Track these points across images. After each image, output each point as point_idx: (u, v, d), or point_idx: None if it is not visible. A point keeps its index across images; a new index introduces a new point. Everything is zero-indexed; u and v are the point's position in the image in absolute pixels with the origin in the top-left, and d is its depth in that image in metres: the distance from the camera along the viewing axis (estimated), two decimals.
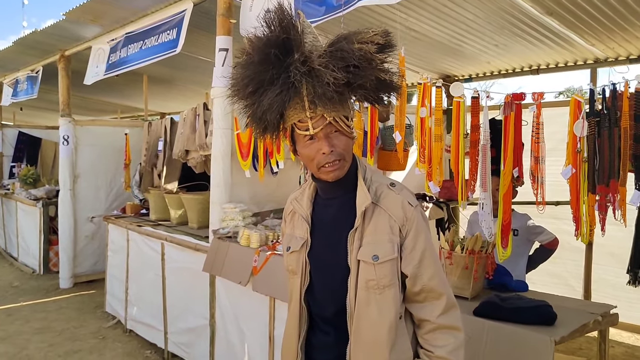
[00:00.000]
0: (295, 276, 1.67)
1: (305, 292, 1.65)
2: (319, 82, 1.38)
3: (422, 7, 4.18)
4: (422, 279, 1.53)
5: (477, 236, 2.70)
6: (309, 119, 1.46)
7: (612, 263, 5.00)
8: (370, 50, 1.40)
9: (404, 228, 1.53)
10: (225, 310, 3.86)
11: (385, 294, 1.51)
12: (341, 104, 1.48)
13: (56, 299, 6.51)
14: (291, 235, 1.72)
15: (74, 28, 5.92)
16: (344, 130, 1.50)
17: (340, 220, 1.59)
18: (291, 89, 1.40)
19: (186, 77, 8.17)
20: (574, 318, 2.41)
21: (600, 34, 4.39)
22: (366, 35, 1.43)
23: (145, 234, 4.96)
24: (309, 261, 1.63)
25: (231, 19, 4.00)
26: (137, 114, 11.90)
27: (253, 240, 3.52)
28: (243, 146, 4.05)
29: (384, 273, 1.51)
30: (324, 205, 1.65)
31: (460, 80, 6.52)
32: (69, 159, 6.90)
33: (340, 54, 1.40)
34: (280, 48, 1.41)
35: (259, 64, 1.44)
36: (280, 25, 1.42)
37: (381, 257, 1.50)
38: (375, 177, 1.62)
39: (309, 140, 1.50)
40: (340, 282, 1.56)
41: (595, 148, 2.73)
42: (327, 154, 1.49)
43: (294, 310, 1.68)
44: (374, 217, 1.54)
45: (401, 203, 1.55)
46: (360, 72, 1.41)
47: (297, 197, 1.73)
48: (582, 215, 2.75)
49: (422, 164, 3.18)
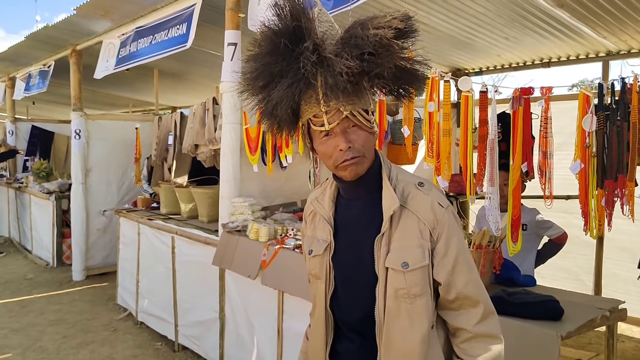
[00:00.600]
0: (319, 281, 1.55)
1: (331, 298, 1.53)
2: (330, 72, 1.27)
3: (431, 1, 4.16)
4: (457, 286, 1.40)
5: (485, 231, 2.70)
6: (323, 113, 1.35)
7: (623, 257, 4.97)
8: (387, 35, 1.27)
9: (434, 232, 1.40)
10: (234, 304, 3.89)
11: (416, 304, 1.39)
12: (358, 95, 1.35)
13: (69, 291, 6.60)
14: (312, 237, 1.59)
15: (84, 23, 5.96)
16: (363, 125, 1.38)
17: (365, 223, 1.47)
18: (302, 81, 1.30)
19: (196, 71, 8.20)
20: (582, 313, 2.40)
21: (612, 27, 4.35)
22: (383, 19, 1.31)
23: (156, 228, 5.00)
24: (333, 265, 1.51)
25: (240, 13, 4.01)
26: (148, 107, 11.96)
27: (262, 234, 3.55)
28: (251, 140, 4.07)
29: (415, 281, 1.38)
30: (347, 206, 1.53)
31: (470, 73, 6.48)
32: (80, 153, 6.97)
33: (354, 40, 1.28)
34: (290, 37, 1.31)
35: (268, 56, 1.35)
36: (290, 13, 1.32)
37: (411, 264, 1.38)
38: (401, 175, 1.49)
39: (325, 137, 1.39)
40: (367, 290, 1.45)
41: (604, 143, 2.71)
42: (345, 151, 1.37)
43: (318, 317, 1.55)
44: (402, 221, 1.42)
45: (431, 204, 1.42)
46: (376, 59, 1.28)
47: (318, 197, 1.60)
48: (591, 210, 2.73)
49: (430, 159, 3.17)
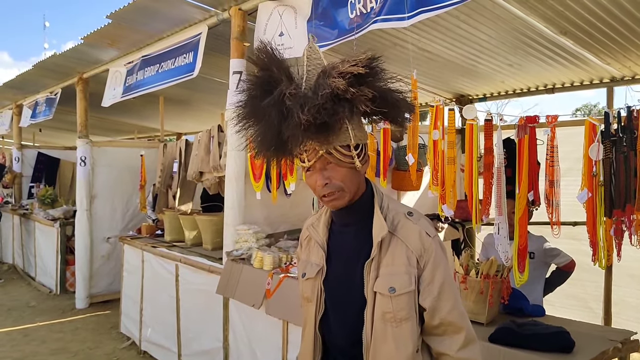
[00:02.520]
0: (310, 303, 1.64)
1: (320, 320, 1.62)
2: (291, 122, 1.36)
3: (434, 28, 4.19)
4: (441, 312, 1.49)
5: (492, 260, 2.66)
6: (303, 151, 1.46)
7: (633, 284, 4.90)
8: (339, 86, 1.34)
9: (421, 259, 1.50)
10: (238, 333, 3.84)
11: (402, 327, 1.47)
12: (333, 134, 1.42)
13: (72, 320, 6.54)
14: (307, 261, 1.69)
15: (92, 51, 6.03)
16: (340, 162, 1.46)
17: (356, 248, 1.56)
18: (282, 123, 1.39)
19: (202, 98, 8.25)
20: (593, 345, 2.35)
21: (616, 53, 4.36)
22: (344, 65, 1.37)
23: (159, 255, 4.97)
24: (324, 289, 1.60)
25: (245, 42, 4.05)
26: (154, 134, 12.03)
27: (266, 262, 3.51)
28: (256, 168, 4.07)
29: (401, 306, 1.47)
30: (340, 232, 1.62)
31: (474, 99, 6.49)
32: (86, 180, 6.98)
33: (317, 88, 1.37)
34: (264, 85, 1.44)
35: (252, 99, 1.47)
36: (263, 62, 1.46)
37: (398, 289, 1.47)
38: (392, 205, 1.59)
39: (308, 171, 1.51)
40: (356, 313, 1.53)
41: (611, 171, 2.69)
42: (321, 187, 1.49)
43: (307, 337, 1.65)
44: (391, 248, 1.51)
45: (419, 233, 1.51)
46: (334, 106, 1.36)
47: (314, 222, 1.70)
48: (600, 240, 2.70)
49: (435, 187, 3.15)
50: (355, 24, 3.28)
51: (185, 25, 4.86)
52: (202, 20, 4.62)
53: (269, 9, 3.92)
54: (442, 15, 3.82)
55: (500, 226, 2.87)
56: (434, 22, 4.02)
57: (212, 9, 4.34)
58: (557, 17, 3.68)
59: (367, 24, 3.21)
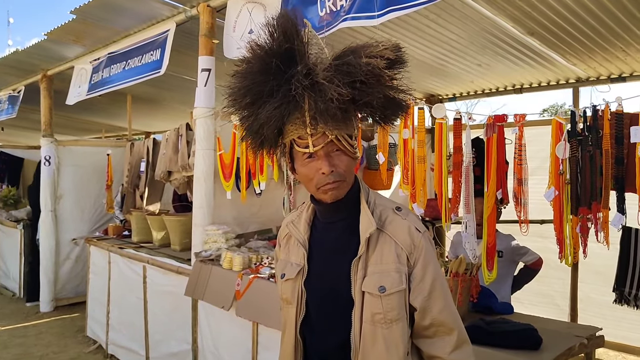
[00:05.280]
0: (290, 306, 1.53)
1: (302, 323, 1.51)
2: (321, 97, 1.27)
3: (404, 28, 4.20)
4: (432, 312, 1.41)
5: (461, 259, 2.68)
6: (309, 135, 1.36)
7: (598, 281, 4.99)
8: (379, 65, 1.29)
9: (411, 256, 1.42)
10: (207, 335, 3.77)
11: (392, 329, 1.38)
12: (345, 121, 1.37)
13: (36, 323, 6.36)
14: (286, 261, 1.58)
15: (56, 48, 5.87)
16: (347, 150, 1.39)
17: (342, 246, 1.47)
18: (292, 103, 1.31)
19: (171, 97, 8.13)
20: (560, 341, 2.39)
21: (581, 54, 4.44)
22: (375, 49, 1.33)
23: (127, 257, 4.87)
24: (305, 290, 1.50)
25: (214, 40, 3.99)
26: (122, 133, 11.80)
27: (236, 263, 3.46)
28: (225, 167, 4.02)
29: (392, 306, 1.38)
30: (324, 229, 1.52)
31: (444, 99, 6.55)
32: (50, 180, 6.80)
33: (346, 68, 1.29)
34: (282, 58, 1.31)
35: (258, 74, 1.34)
36: (283, 34, 1.33)
37: (388, 289, 1.38)
38: (379, 200, 1.51)
39: (308, 159, 1.39)
40: (342, 315, 1.43)
41: (578, 169, 2.73)
42: (327, 174, 1.38)
43: (287, 342, 1.54)
44: (380, 245, 1.42)
45: (408, 229, 1.43)
46: (367, 88, 1.31)
47: (294, 220, 1.60)
48: (566, 237, 2.74)
49: (405, 185, 3.15)
50: (325, 21, 3.25)
51: (152, 22, 4.77)
52: (170, 17, 4.54)
53: (238, 5, 3.87)
54: (412, 15, 3.83)
55: (468, 224, 2.88)
56: (404, 21, 4.03)
57: (180, 5, 4.27)
58: (524, 17, 3.72)
59: (337, 22, 3.19)
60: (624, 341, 4.99)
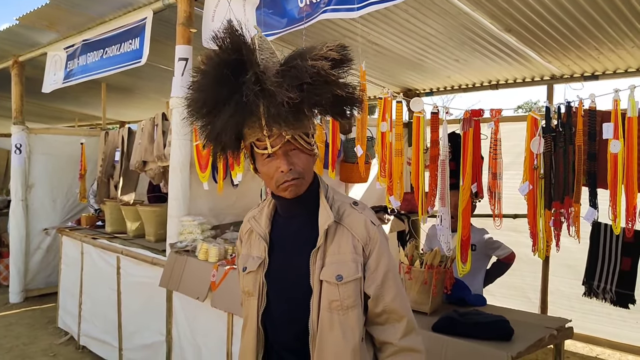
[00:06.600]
0: (252, 298, 1.60)
1: (262, 314, 1.58)
2: (272, 102, 1.34)
3: (384, 22, 4.21)
4: (385, 299, 1.50)
5: (436, 251, 2.71)
6: (266, 137, 1.42)
7: (568, 274, 5.11)
8: (323, 67, 1.36)
9: (367, 247, 1.51)
10: (182, 326, 3.75)
11: (348, 315, 1.48)
12: (299, 121, 1.42)
13: (5, 314, 6.24)
14: (247, 255, 1.65)
15: (28, 33, 5.74)
16: (304, 148, 1.47)
17: (301, 239, 1.54)
18: (246, 110, 1.36)
19: (147, 86, 8.01)
20: (531, 333, 2.43)
21: (556, 52, 4.51)
22: (320, 51, 1.39)
23: (100, 247, 4.80)
24: (266, 282, 1.57)
25: (191, 29, 3.94)
26: (95, 122, 11.60)
27: (211, 254, 3.45)
28: (202, 157, 3.98)
29: (348, 293, 1.47)
30: (284, 224, 1.60)
31: (421, 94, 6.59)
32: (21, 168, 6.65)
33: (294, 72, 1.35)
34: (231, 68, 1.37)
35: (213, 84, 1.41)
36: (231, 45, 1.39)
37: (345, 277, 1.47)
38: (337, 196, 1.59)
39: (267, 158, 1.46)
40: (301, 304, 1.51)
41: (551, 164, 2.77)
42: (286, 172, 1.45)
43: (249, 333, 1.61)
44: (337, 236, 1.51)
45: (364, 222, 1.53)
46: (315, 89, 1.37)
47: (255, 215, 1.67)
48: (539, 231, 2.79)
49: (383, 179, 3.17)
50: (305, 12, 3.25)
51: (128, 9, 4.69)
52: (146, 4, 4.47)
53: None
54: (392, 9, 3.85)
55: (443, 217, 2.92)
56: (383, 15, 4.04)
57: None
58: (502, 14, 3.77)
59: (317, 13, 3.19)
60: (591, 333, 5.12)
